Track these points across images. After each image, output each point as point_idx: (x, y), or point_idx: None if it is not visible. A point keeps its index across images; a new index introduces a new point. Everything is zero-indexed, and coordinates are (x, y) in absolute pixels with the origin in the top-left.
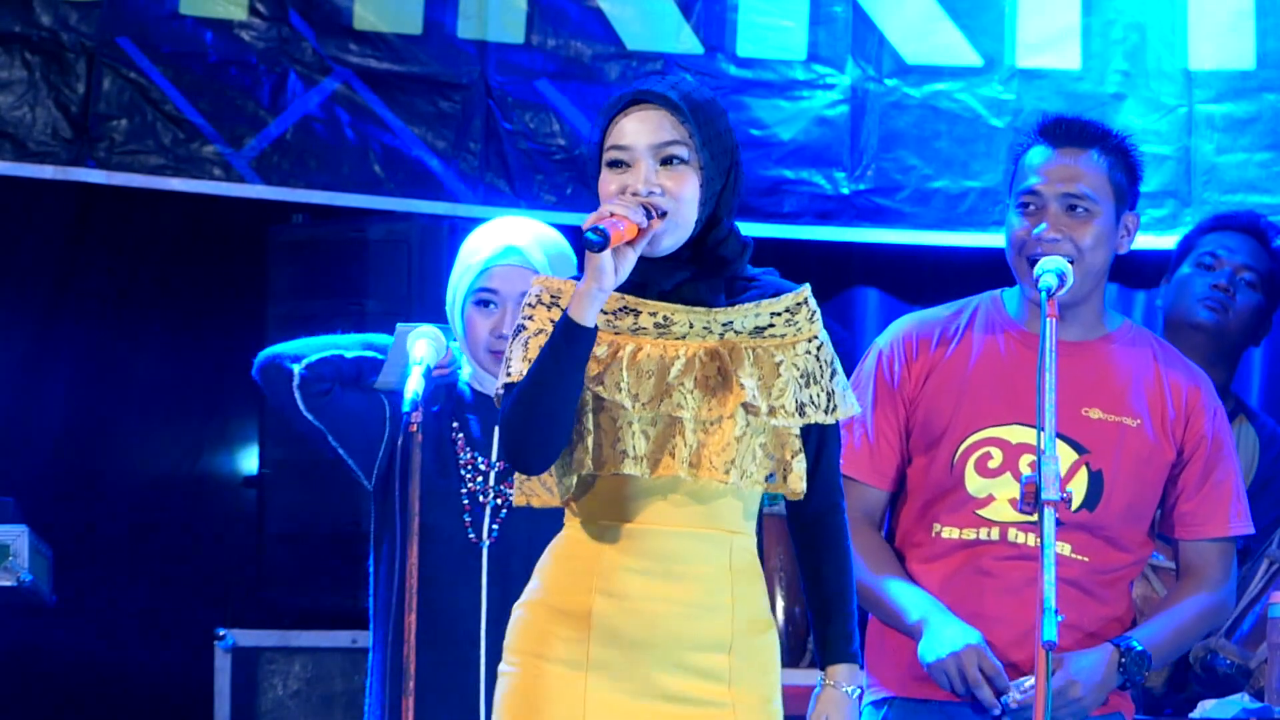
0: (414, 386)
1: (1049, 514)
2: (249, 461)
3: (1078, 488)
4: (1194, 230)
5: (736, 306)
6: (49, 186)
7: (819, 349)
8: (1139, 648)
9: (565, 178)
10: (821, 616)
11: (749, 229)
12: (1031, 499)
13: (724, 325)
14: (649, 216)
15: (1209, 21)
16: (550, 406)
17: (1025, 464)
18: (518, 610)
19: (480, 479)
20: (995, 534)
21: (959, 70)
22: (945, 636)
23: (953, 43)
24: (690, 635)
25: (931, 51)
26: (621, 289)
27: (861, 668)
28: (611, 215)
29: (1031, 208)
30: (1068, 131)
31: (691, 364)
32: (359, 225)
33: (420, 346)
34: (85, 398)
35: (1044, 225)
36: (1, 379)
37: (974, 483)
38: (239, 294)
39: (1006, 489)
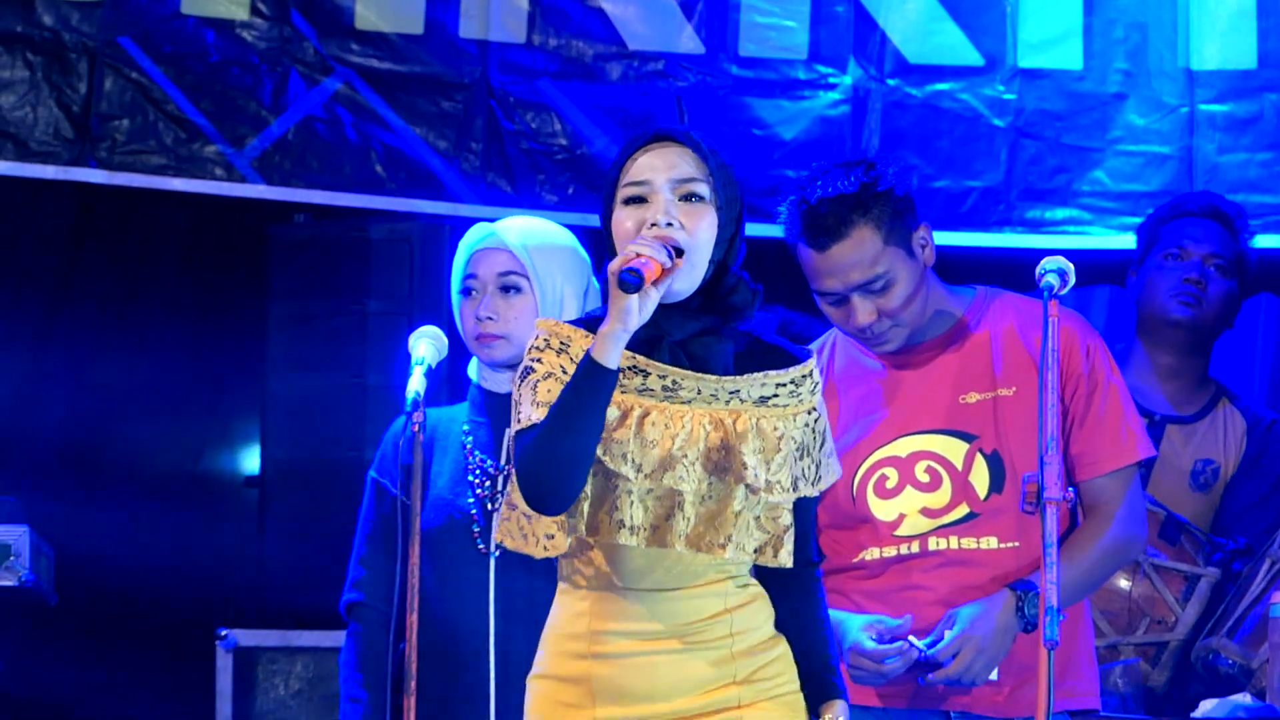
0: (414, 385)
1: (1051, 514)
2: (249, 461)
3: (979, 475)
4: (1152, 218)
5: (745, 376)
6: (51, 186)
7: (815, 420)
8: (1036, 589)
9: (567, 177)
10: (811, 659)
11: (749, 229)
12: (1033, 499)
13: (730, 393)
14: (670, 256)
15: (1210, 21)
16: (572, 449)
17: (922, 470)
18: (529, 684)
19: (488, 483)
20: (916, 547)
21: (961, 70)
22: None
23: (954, 42)
24: (692, 677)
25: (933, 51)
26: (632, 346)
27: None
28: (638, 256)
29: (840, 303)
30: (825, 229)
31: (696, 436)
32: (361, 225)
33: (421, 346)
34: (86, 397)
35: (854, 321)
36: (3, 379)
37: (879, 508)
38: (240, 294)
39: (912, 502)
